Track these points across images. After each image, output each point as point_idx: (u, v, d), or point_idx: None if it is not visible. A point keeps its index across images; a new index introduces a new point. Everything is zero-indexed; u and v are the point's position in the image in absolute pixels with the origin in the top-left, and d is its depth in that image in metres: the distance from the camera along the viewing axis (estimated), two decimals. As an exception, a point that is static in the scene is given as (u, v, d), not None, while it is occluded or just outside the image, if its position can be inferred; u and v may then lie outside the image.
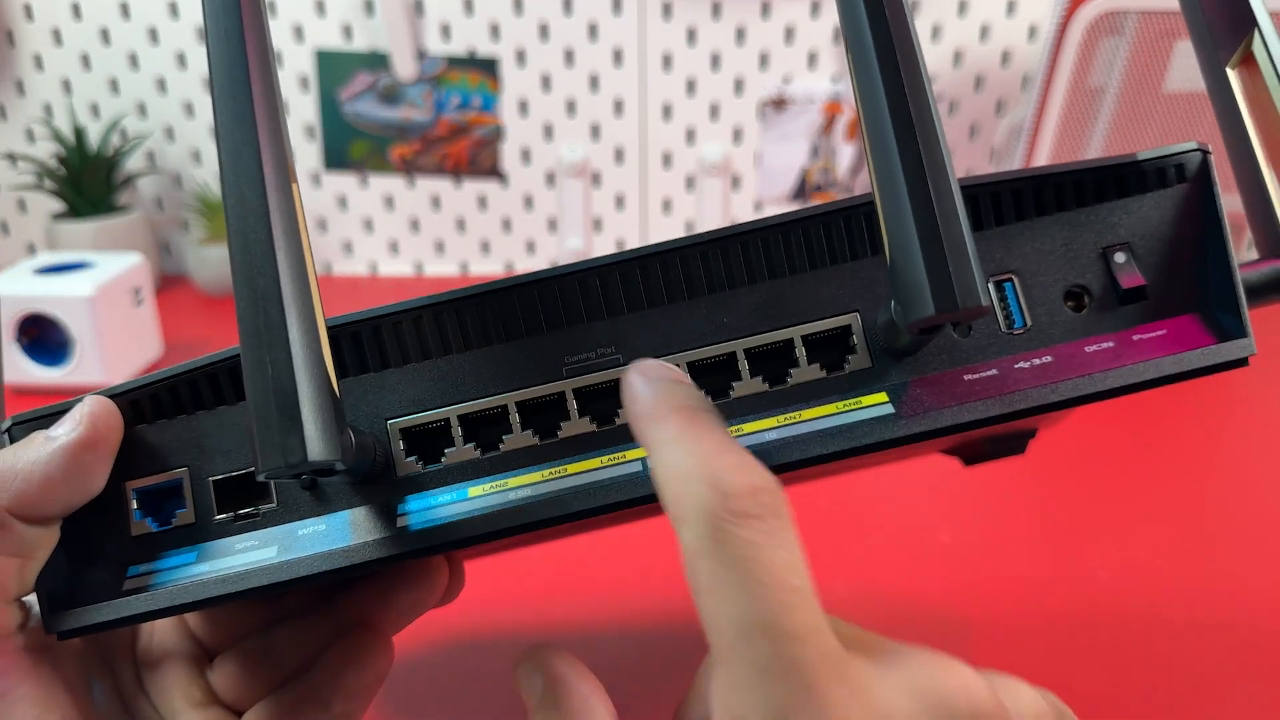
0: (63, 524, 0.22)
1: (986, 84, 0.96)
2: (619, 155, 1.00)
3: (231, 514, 0.23)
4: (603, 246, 1.03)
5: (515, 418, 0.22)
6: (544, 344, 0.22)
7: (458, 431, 0.22)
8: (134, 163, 0.99)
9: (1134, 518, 0.46)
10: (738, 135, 0.99)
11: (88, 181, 0.91)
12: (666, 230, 1.02)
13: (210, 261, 0.92)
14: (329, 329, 0.20)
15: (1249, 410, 0.57)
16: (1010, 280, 0.23)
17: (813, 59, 0.96)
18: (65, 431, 0.21)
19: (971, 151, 1.00)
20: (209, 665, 0.27)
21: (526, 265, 1.04)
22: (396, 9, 0.92)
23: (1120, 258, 0.22)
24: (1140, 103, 0.85)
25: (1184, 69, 0.83)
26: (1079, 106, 0.86)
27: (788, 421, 0.22)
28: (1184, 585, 0.42)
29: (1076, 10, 0.81)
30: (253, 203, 0.18)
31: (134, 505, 0.23)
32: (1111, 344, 0.22)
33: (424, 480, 0.22)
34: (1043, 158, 0.89)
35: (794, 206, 1.01)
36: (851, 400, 0.22)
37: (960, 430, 0.21)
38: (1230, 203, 0.23)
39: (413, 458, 0.22)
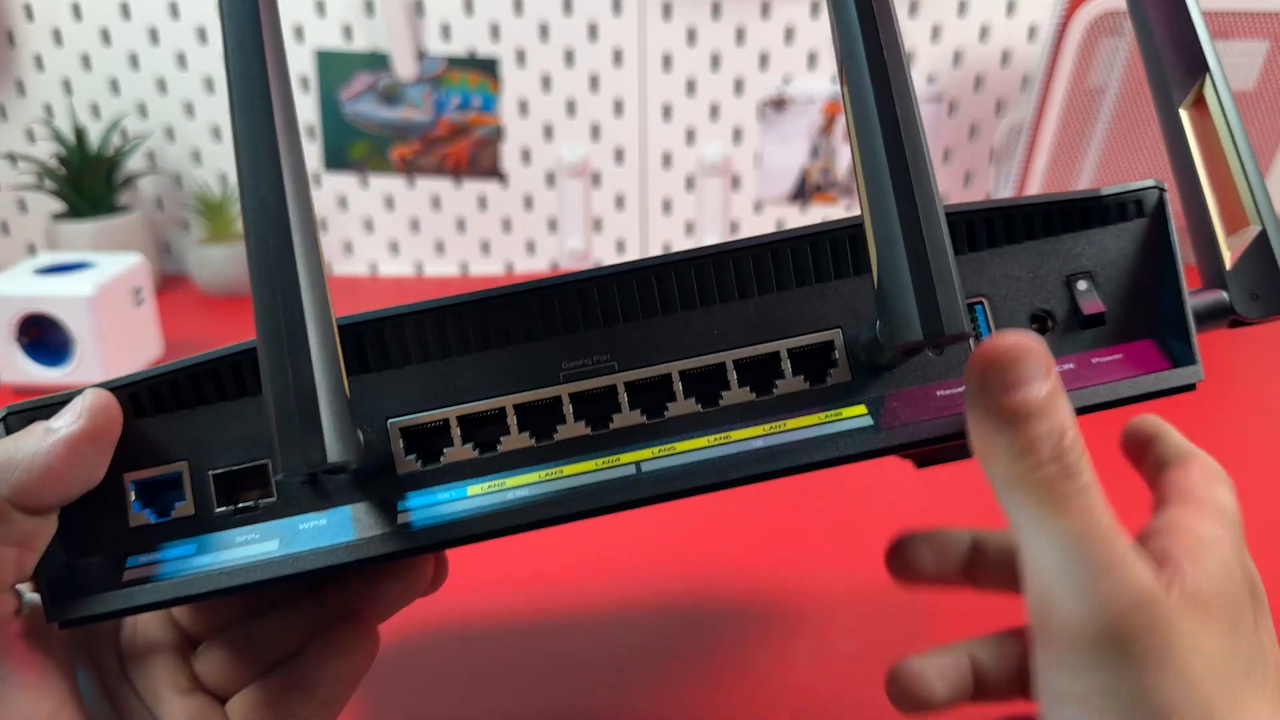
0: (61, 514, 0.22)
1: (986, 84, 0.96)
2: (619, 155, 1.00)
3: (231, 507, 0.23)
4: (603, 246, 1.03)
5: (513, 420, 0.23)
6: (542, 349, 0.23)
7: (456, 432, 0.23)
8: (134, 163, 0.99)
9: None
10: (738, 135, 0.99)
11: (88, 182, 0.91)
12: (666, 230, 1.03)
13: (210, 261, 0.92)
14: (342, 329, 0.21)
15: (1221, 423, 0.57)
16: (981, 303, 0.24)
17: (813, 59, 0.96)
18: (66, 423, 0.21)
19: (972, 152, 1.00)
20: (193, 653, 0.27)
21: (527, 265, 1.04)
22: (397, 9, 0.92)
23: (1082, 285, 0.24)
24: (1140, 103, 0.85)
25: (1184, 69, 0.83)
26: (1079, 107, 0.86)
27: (774, 430, 0.23)
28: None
29: (1076, 10, 0.81)
30: (273, 211, 0.19)
31: (132, 496, 0.23)
32: (1072, 365, 0.24)
33: (423, 478, 0.23)
34: (1043, 158, 0.89)
35: (794, 207, 1.01)
36: (833, 411, 0.23)
37: (934, 442, 0.23)
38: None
39: (412, 456, 0.23)
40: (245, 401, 0.23)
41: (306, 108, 0.98)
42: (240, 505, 0.23)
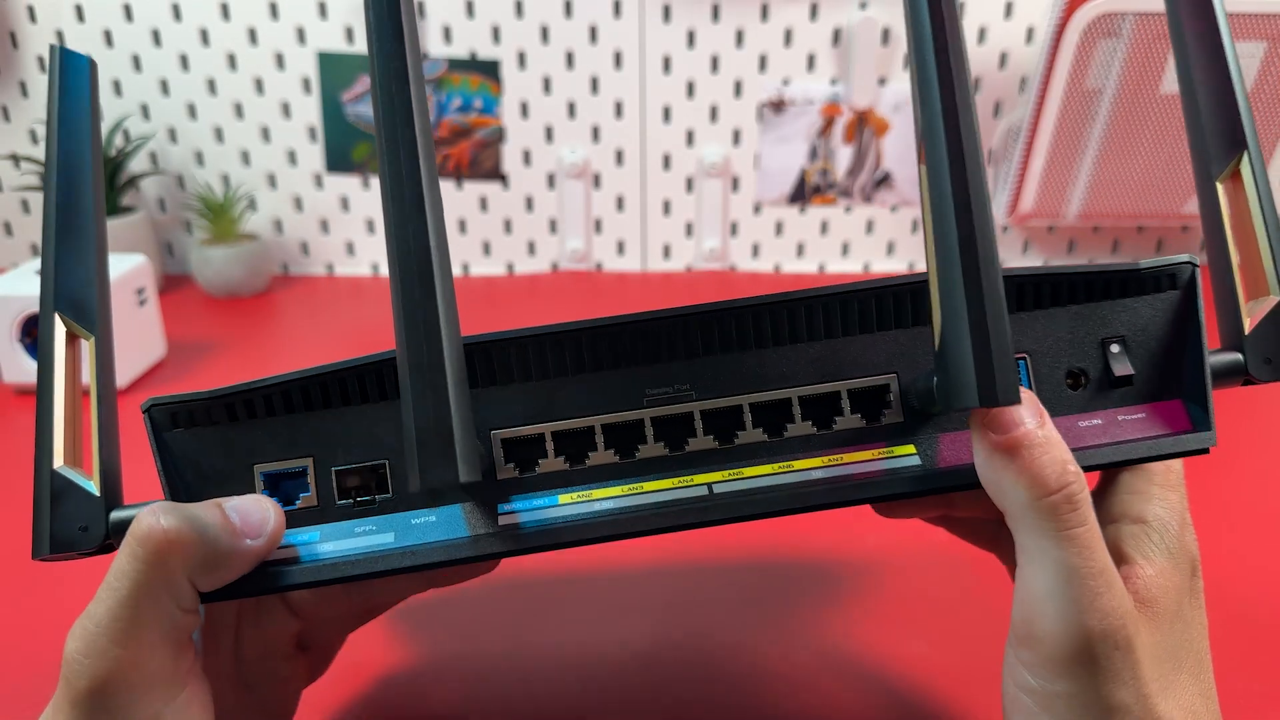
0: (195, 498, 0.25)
1: (984, 86, 0.97)
2: (619, 157, 1.00)
3: (351, 500, 0.26)
4: (603, 247, 1.04)
5: (600, 438, 0.26)
6: (630, 377, 0.26)
7: (551, 445, 0.25)
8: (137, 164, 1.00)
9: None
10: (737, 137, 0.99)
11: (91, 183, 0.92)
12: (666, 232, 1.03)
13: (213, 262, 0.93)
14: None
15: (1229, 471, 0.57)
16: (1024, 359, 0.26)
17: (811, 61, 0.96)
18: (260, 546, 0.24)
19: (970, 153, 1.00)
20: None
21: (527, 266, 1.04)
22: (398, 11, 0.92)
23: (1115, 348, 0.26)
24: (1137, 105, 0.85)
25: (1181, 71, 0.84)
26: (1076, 108, 0.86)
27: (832, 463, 0.25)
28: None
29: (1074, 12, 0.82)
30: (419, 257, 0.21)
31: (261, 486, 0.26)
32: (1100, 421, 0.26)
33: (520, 484, 0.25)
34: (1040, 159, 0.89)
35: (793, 208, 1.02)
36: (885, 449, 0.26)
37: (975, 485, 0.24)
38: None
39: (511, 464, 0.25)
40: (367, 408, 0.26)
41: (309, 109, 0.98)
42: (359, 499, 0.26)
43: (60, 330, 0.25)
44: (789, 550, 0.47)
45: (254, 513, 0.24)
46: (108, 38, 0.96)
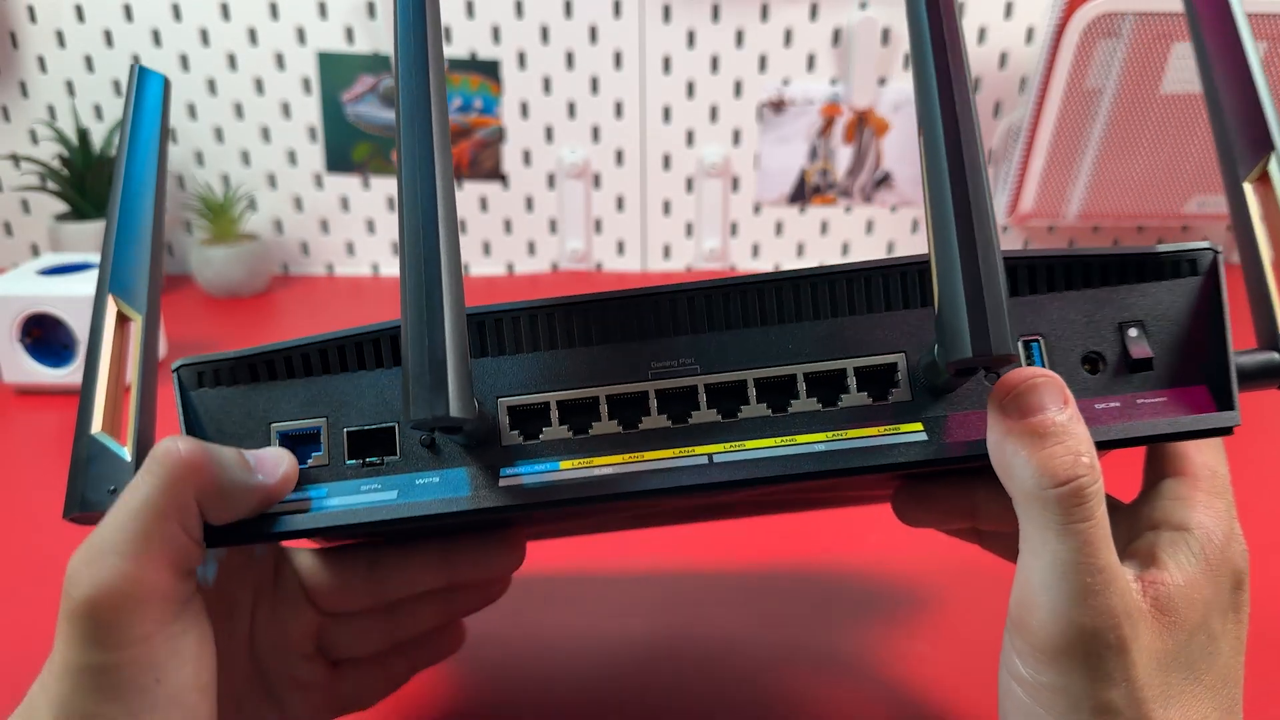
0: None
1: (984, 86, 0.97)
2: (619, 157, 1.00)
3: (359, 461, 0.27)
4: (603, 247, 1.04)
5: (604, 408, 0.26)
6: (634, 349, 0.26)
7: (555, 414, 0.26)
8: (137, 164, 0.99)
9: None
10: (737, 137, 0.99)
11: (91, 183, 0.92)
12: (666, 232, 1.03)
13: (213, 262, 0.93)
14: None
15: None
16: (1037, 340, 0.26)
17: (811, 61, 0.96)
18: (272, 484, 0.25)
19: (970, 153, 1.00)
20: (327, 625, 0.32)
21: (527, 266, 1.04)
22: (398, 11, 0.92)
23: (1134, 332, 0.26)
24: (1137, 104, 0.85)
25: (1180, 71, 0.84)
26: (1076, 108, 0.86)
27: (836, 438, 0.25)
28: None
29: (1074, 12, 0.82)
30: (426, 210, 0.22)
31: (276, 444, 0.27)
32: (1118, 404, 0.25)
33: (524, 451, 0.26)
34: (1040, 159, 0.90)
35: (793, 208, 1.02)
36: (891, 426, 0.25)
37: (981, 460, 0.24)
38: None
39: (515, 431, 0.26)
40: (380, 373, 0.27)
41: (309, 109, 0.98)
42: (367, 460, 0.26)
43: (112, 310, 0.27)
44: (791, 550, 0.47)
45: (269, 456, 0.26)
46: (108, 38, 0.96)
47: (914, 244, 1.03)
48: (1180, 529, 0.24)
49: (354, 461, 0.27)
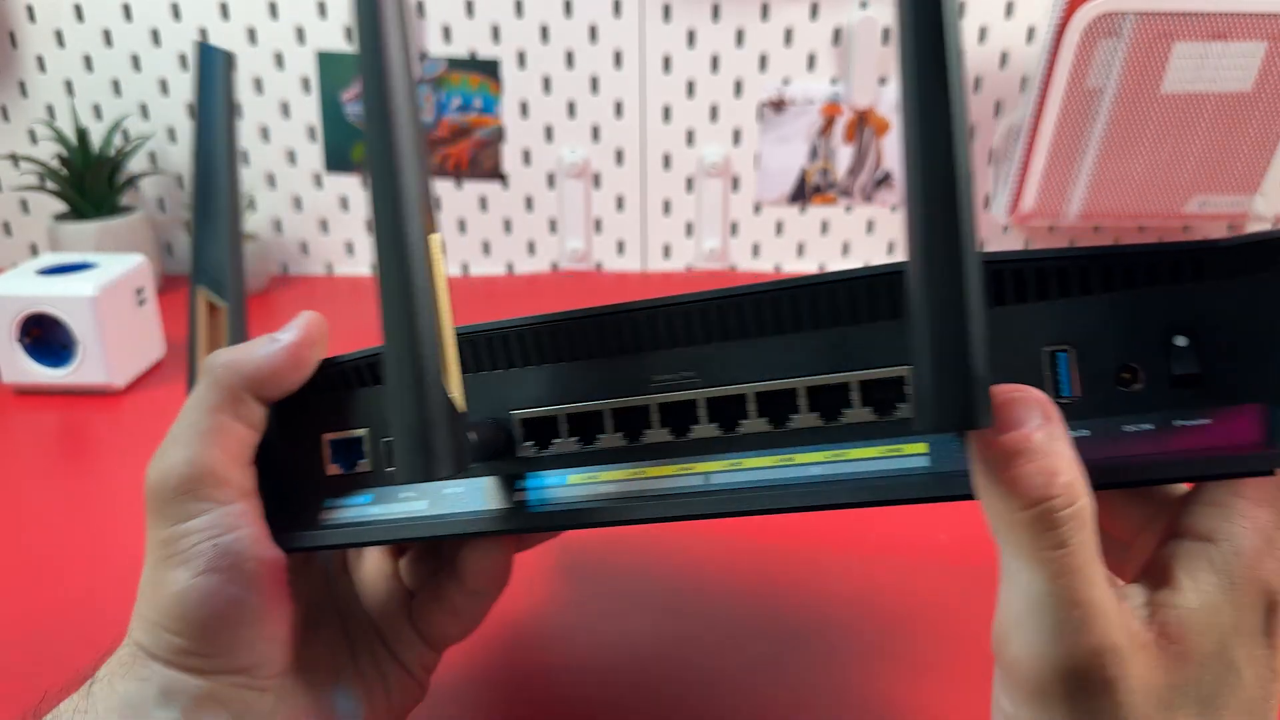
0: (272, 465, 0.28)
1: (984, 85, 0.97)
2: (619, 156, 1.00)
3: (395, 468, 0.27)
4: (603, 247, 1.04)
5: (609, 421, 0.26)
6: (637, 362, 0.26)
7: (564, 426, 0.27)
8: (136, 163, 0.99)
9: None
10: (737, 137, 0.99)
11: (90, 182, 0.92)
12: (666, 231, 1.03)
13: (212, 262, 0.92)
14: (476, 334, 0.27)
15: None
16: (1065, 351, 0.23)
17: (812, 61, 0.96)
18: (289, 336, 0.28)
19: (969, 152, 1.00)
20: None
21: (527, 266, 1.04)
22: (397, 11, 0.92)
23: (1181, 341, 0.22)
24: (1138, 104, 0.85)
25: (1182, 70, 0.84)
26: (1077, 108, 0.86)
27: (835, 458, 0.24)
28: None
29: (1074, 12, 0.82)
30: (404, 276, 0.21)
31: (330, 452, 0.29)
32: (1152, 427, 0.22)
33: (537, 462, 0.27)
34: (1041, 159, 0.89)
35: (793, 208, 1.02)
36: (894, 447, 0.24)
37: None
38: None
39: (529, 443, 0.27)
40: None
41: (308, 109, 0.98)
42: None
43: (202, 300, 0.29)
44: (790, 549, 0.47)
45: (290, 323, 0.28)
46: (107, 37, 0.96)
47: (914, 244, 1.03)
48: (1204, 539, 0.22)
49: (391, 469, 0.28)
